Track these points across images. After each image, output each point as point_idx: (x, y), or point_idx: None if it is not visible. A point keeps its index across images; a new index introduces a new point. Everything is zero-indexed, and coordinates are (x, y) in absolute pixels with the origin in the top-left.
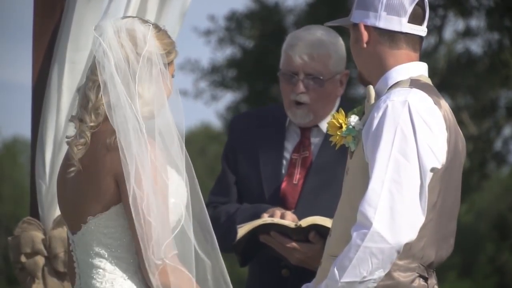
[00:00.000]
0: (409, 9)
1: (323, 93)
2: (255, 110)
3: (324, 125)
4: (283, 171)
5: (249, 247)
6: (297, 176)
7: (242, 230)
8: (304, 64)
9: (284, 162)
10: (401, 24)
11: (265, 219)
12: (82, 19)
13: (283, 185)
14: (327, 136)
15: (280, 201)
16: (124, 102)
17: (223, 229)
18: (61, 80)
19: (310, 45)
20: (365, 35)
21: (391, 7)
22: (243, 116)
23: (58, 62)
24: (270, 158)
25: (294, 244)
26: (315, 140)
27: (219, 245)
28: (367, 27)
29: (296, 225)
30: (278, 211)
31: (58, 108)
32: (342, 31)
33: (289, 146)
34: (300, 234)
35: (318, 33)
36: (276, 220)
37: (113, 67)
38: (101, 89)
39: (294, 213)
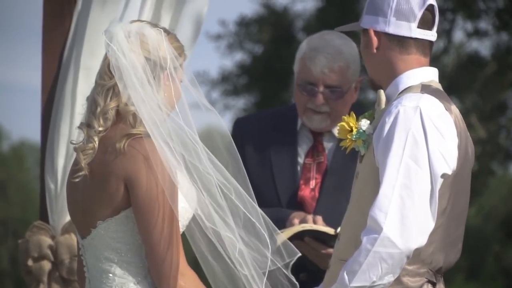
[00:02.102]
0: (419, 14)
1: (342, 103)
2: (262, 112)
3: (336, 130)
4: (298, 176)
5: None
6: (314, 181)
7: (282, 236)
8: (324, 77)
9: (298, 167)
10: (411, 30)
11: (304, 225)
12: (96, 26)
13: (301, 190)
14: (340, 140)
15: (298, 206)
16: (130, 107)
17: None
18: (75, 86)
19: (331, 58)
20: (374, 40)
21: (401, 12)
22: (249, 118)
23: (72, 68)
24: (283, 162)
25: (330, 250)
26: (328, 145)
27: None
28: (376, 33)
29: (336, 232)
30: (309, 216)
31: (72, 114)
32: (353, 35)
33: (301, 150)
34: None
35: (336, 42)
36: (316, 226)
37: (121, 72)
38: (110, 94)
39: None
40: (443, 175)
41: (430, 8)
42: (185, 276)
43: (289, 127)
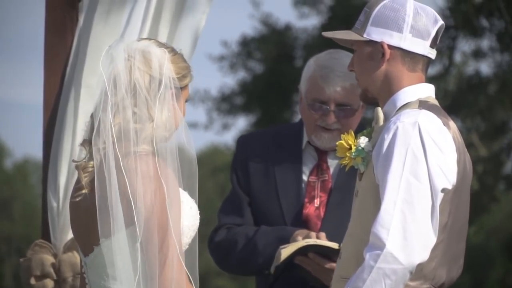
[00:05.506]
0: (433, 33)
1: (354, 120)
2: (265, 129)
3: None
4: (303, 194)
5: (279, 268)
6: (318, 199)
7: (286, 251)
8: (336, 95)
9: (303, 185)
10: (425, 48)
11: (308, 240)
12: (98, 44)
13: (305, 208)
14: None
15: (303, 225)
16: (134, 125)
17: (243, 252)
18: (77, 104)
19: (343, 76)
20: (388, 53)
21: (417, 29)
22: (252, 135)
23: (74, 86)
24: (287, 180)
25: (334, 264)
26: (333, 163)
27: (239, 269)
28: (389, 47)
29: (339, 246)
30: (313, 233)
31: (74, 132)
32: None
33: (306, 169)
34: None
35: (346, 61)
36: (319, 241)
37: (125, 90)
38: (113, 111)
39: None
40: (443, 190)
41: (440, 27)
42: None
43: (294, 145)
